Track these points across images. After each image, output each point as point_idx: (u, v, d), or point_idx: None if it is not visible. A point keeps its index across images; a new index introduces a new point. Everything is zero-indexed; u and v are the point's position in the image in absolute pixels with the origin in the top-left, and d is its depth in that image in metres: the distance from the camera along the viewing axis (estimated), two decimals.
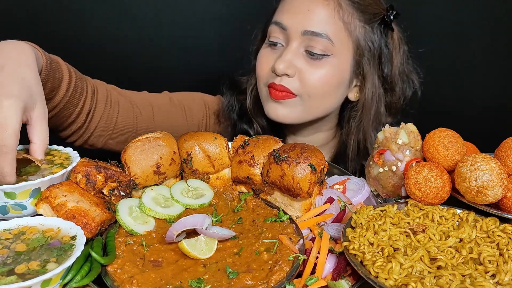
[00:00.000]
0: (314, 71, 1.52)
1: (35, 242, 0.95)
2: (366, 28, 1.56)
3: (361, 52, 1.57)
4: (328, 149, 1.83)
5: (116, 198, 1.14)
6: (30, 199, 1.08)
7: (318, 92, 1.55)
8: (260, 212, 1.17)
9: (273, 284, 0.92)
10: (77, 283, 0.91)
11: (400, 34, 1.67)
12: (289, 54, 1.52)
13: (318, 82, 1.53)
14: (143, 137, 1.22)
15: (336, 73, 1.55)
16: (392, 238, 1.03)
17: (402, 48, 1.67)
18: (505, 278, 0.92)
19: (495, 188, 1.04)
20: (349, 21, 1.53)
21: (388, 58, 1.63)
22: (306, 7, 1.51)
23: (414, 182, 1.11)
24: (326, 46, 1.50)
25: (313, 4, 1.51)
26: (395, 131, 1.24)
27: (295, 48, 1.52)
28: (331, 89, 1.57)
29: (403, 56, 1.68)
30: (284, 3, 1.58)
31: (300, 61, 1.52)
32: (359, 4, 1.55)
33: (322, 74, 1.52)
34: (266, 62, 1.59)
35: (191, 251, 0.98)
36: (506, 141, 1.17)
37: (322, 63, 1.52)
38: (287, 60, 1.51)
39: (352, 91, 1.66)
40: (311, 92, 1.54)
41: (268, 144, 1.25)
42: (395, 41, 1.64)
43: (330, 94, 1.58)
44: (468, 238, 1.04)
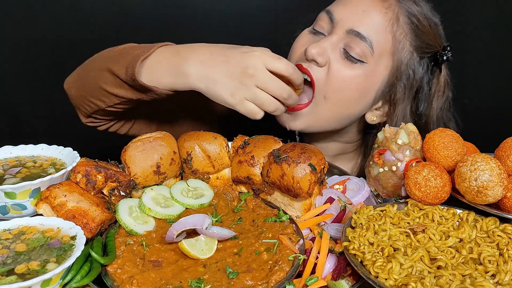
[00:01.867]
0: (343, 70, 1.42)
1: (35, 242, 0.95)
2: (414, 55, 1.47)
3: (399, 75, 1.47)
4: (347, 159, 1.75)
5: (116, 198, 1.14)
6: (30, 199, 1.08)
7: (336, 95, 1.44)
8: (260, 212, 1.17)
9: (273, 284, 0.92)
10: (77, 283, 0.91)
11: (448, 79, 1.58)
12: (326, 43, 1.43)
13: (342, 83, 1.43)
14: (143, 137, 1.22)
15: (363, 83, 1.45)
16: (392, 238, 1.03)
17: (446, 94, 1.58)
18: (505, 278, 0.92)
19: (495, 188, 1.03)
20: (400, 39, 1.44)
21: (426, 97, 1.53)
22: (363, 7, 1.44)
23: (414, 182, 1.11)
24: (364, 52, 1.41)
25: (371, 6, 1.44)
26: (395, 131, 1.24)
27: (335, 41, 1.43)
28: (351, 97, 1.46)
29: (445, 102, 1.58)
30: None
31: (335, 55, 1.43)
32: (417, 27, 1.46)
33: (350, 77, 1.43)
34: (302, 45, 1.50)
35: (191, 251, 0.98)
36: (506, 141, 1.17)
37: (354, 67, 1.42)
38: (323, 47, 1.42)
39: (372, 112, 1.55)
40: (329, 93, 1.44)
41: (268, 144, 1.25)
42: (440, 83, 1.56)
43: (348, 102, 1.47)
44: (468, 238, 1.04)
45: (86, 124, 1.59)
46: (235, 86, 1.23)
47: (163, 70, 1.29)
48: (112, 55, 1.44)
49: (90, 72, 1.47)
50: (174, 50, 1.32)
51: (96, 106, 1.45)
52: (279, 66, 1.23)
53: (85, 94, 1.47)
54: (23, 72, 2.66)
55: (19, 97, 2.73)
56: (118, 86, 1.36)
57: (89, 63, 1.51)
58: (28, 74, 2.67)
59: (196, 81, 1.26)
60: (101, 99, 1.43)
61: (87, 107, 1.49)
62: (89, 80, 1.45)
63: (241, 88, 1.22)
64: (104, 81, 1.39)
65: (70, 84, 1.54)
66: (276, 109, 1.26)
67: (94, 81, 1.42)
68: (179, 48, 1.33)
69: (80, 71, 1.53)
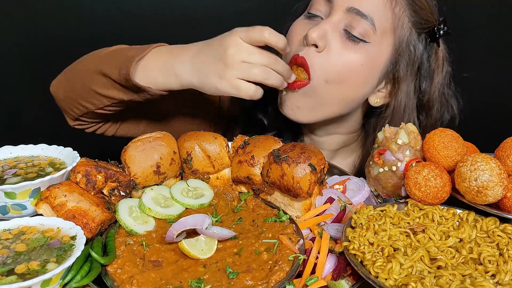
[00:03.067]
0: (345, 53, 1.36)
1: (35, 242, 0.95)
2: (413, 31, 1.44)
3: (401, 52, 1.43)
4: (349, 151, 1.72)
5: (116, 198, 1.14)
6: (30, 199, 1.08)
7: (339, 79, 1.38)
8: (260, 212, 1.17)
9: (273, 284, 0.92)
10: (77, 283, 0.91)
11: (446, 54, 1.55)
12: (326, 25, 1.36)
13: (344, 66, 1.37)
14: (143, 137, 1.22)
15: (368, 64, 1.39)
16: (392, 238, 1.03)
17: (445, 69, 1.55)
18: (505, 278, 0.92)
19: (495, 188, 1.03)
20: (399, 15, 1.39)
21: (428, 73, 1.50)
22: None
23: (414, 182, 1.11)
24: (367, 31, 1.36)
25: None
26: (395, 131, 1.24)
27: (335, 22, 1.37)
28: (357, 80, 1.41)
29: (446, 77, 1.55)
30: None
31: (335, 37, 1.36)
32: (414, 2, 1.42)
33: (353, 59, 1.37)
34: (298, 33, 1.43)
35: (191, 251, 0.98)
36: (506, 141, 1.17)
37: (357, 48, 1.37)
38: (323, 30, 1.35)
39: (375, 93, 1.51)
40: (331, 77, 1.37)
41: (268, 144, 1.25)
42: (439, 58, 1.53)
43: (353, 85, 1.42)
44: (468, 238, 1.04)
45: (73, 127, 1.60)
46: (222, 69, 1.21)
47: (157, 71, 1.30)
48: (102, 56, 1.44)
49: (78, 74, 1.47)
50: (167, 50, 1.33)
51: (85, 108, 1.45)
52: (253, 35, 1.21)
53: (73, 97, 1.46)
54: (23, 72, 2.66)
55: (19, 97, 2.73)
56: (110, 88, 1.36)
57: (77, 65, 1.51)
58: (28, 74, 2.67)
59: (189, 77, 1.27)
60: (91, 101, 1.42)
61: (75, 110, 1.49)
62: (78, 82, 1.44)
63: (227, 68, 1.20)
64: (94, 83, 1.38)
65: (57, 87, 1.53)
66: (269, 77, 1.22)
67: (84, 83, 1.41)
68: (172, 48, 1.34)
69: (68, 74, 1.52)
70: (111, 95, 1.37)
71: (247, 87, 1.21)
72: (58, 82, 1.54)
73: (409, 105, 1.49)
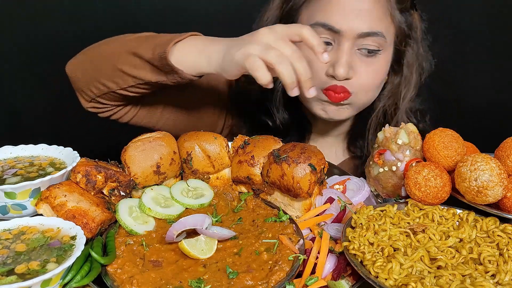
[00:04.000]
0: (369, 68, 1.50)
1: (35, 242, 0.95)
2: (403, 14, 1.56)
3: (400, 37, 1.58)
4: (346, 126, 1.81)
5: (116, 198, 1.14)
6: (30, 199, 1.08)
7: (371, 87, 1.55)
8: (260, 212, 1.17)
9: (273, 284, 0.92)
10: (77, 283, 0.91)
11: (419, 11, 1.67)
12: (346, 57, 1.46)
13: (372, 77, 1.53)
14: (143, 137, 1.22)
15: (385, 65, 1.56)
16: (392, 238, 1.03)
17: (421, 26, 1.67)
18: (505, 278, 0.92)
19: (495, 188, 1.03)
20: (394, 13, 1.52)
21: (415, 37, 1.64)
22: (358, 7, 1.44)
23: (414, 182, 1.11)
24: (380, 43, 1.48)
25: (365, 2, 1.45)
26: (395, 131, 1.24)
27: (349, 49, 1.46)
28: (381, 81, 1.59)
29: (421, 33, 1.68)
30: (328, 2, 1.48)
31: (357, 60, 1.49)
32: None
33: (376, 69, 1.52)
34: (318, 66, 1.49)
35: (191, 251, 0.98)
36: (506, 141, 1.17)
37: (375, 59, 1.51)
38: (346, 63, 1.46)
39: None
40: (365, 88, 1.53)
41: (268, 144, 1.25)
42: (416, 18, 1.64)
43: (379, 85, 1.60)
44: (468, 238, 1.04)
45: (87, 109, 1.57)
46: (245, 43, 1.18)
47: (191, 54, 1.30)
48: (132, 38, 1.44)
49: (103, 53, 1.46)
50: (205, 37, 1.34)
51: (107, 88, 1.43)
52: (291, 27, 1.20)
53: (94, 76, 1.45)
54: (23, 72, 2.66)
55: (19, 97, 2.73)
56: (139, 67, 1.36)
57: (101, 46, 1.51)
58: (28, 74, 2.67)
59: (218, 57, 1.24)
60: (115, 81, 1.41)
61: (94, 89, 1.47)
62: (102, 61, 1.44)
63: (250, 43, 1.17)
64: (122, 62, 1.38)
65: (75, 67, 1.52)
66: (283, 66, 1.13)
67: (109, 63, 1.41)
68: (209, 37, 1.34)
69: (89, 53, 1.51)
70: (138, 75, 1.37)
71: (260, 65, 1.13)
72: (77, 61, 1.53)
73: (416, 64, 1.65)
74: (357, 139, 1.76)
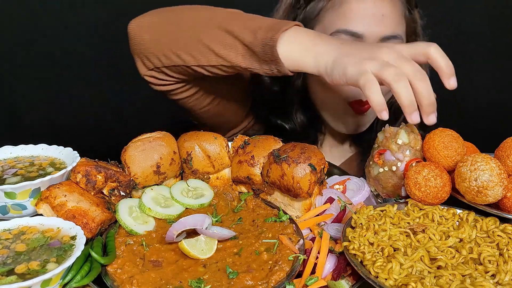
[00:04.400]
0: None
1: (35, 242, 0.95)
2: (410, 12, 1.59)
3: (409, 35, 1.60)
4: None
5: (116, 198, 1.14)
6: (30, 199, 1.08)
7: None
8: (260, 212, 1.17)
9: (273, 284, 0.92)
10: (77, 283, 0.91)
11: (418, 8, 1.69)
12: None
13: None
14: (143, 137, 1.22)
15: None
16: (392, 238, 1.03)
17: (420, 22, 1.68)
18: (505, 278, 0.92)
19: (495, 188, 1.03)
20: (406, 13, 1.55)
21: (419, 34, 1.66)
22: (378, 11, 1.46)
23: (414, 182, 1.11)
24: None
25: (384, 7, 1.47)
26: (395, 131, 1.24)
27: None
28: None
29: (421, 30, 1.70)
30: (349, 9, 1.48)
31: None
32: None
33: None
34: None
35: (191, 251, 0.98)
36: (506, 141, 1.17)
37: None
38: None
39: None
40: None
41: (268, 144, 1.25)
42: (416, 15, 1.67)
43: None
44: (468, 238, 1.04)
45: (144, 77, 1.43)
46: (364, 57, 1.07)
47: (298, 46, 1.17)
48: (223, 13, 1.31)
49: (186, 22, 1.31)
50: (309, 30, 1.22)
51: (180, 60, 1.30)
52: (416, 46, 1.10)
53: (168, 43, 1.31)
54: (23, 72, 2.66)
55: (19, 97, 2.73)
56: (231, 48, 1.23)
57: (185, 10, 1.36)
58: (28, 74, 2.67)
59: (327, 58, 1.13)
60: (193, 55, 1.28)
61: (163, 58, 1.33)
62: (182, 29, 1.30)
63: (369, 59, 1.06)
64: (211, 37, 1.25)
65: (143, 27, 1.36)
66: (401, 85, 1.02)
67: (192, 33, 1.27)
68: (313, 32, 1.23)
69: (167, 16, 1.36)
70: (226, 56, 1.24)
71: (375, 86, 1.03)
72: (146, 22, 1.37)
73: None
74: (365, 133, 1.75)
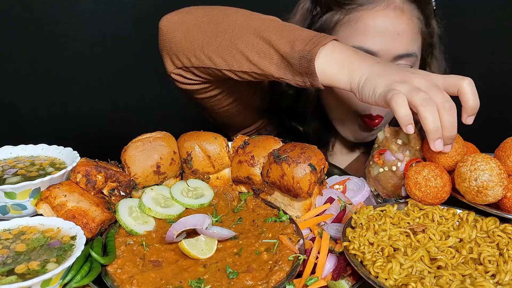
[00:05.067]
0: None
1: (35, 242, 0.95)
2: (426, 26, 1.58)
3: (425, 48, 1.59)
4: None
5: (116, 198, 1.14)
6: (30, 199, 1.08)
7: None
8: (260, 212, 1.17)
9: (273, 284, 0.92)
10: (77, 283, 0.91)
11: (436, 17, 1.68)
12: None
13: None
14: (143, 137, 1.22)
15: None
16: (392, 238, 1.03)
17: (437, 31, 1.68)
18: (505, 278, 0.92)
19: (495, 188, 1.03)
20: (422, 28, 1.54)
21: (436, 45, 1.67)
22: (394, 29, 1.45)
23: (415, 182, 1.11)
24: (413, 61, 1.50)
25: (401, 25, 1.46)
26: (395, 131, 1.24)
27: None
28: None
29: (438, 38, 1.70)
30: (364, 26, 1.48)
31: None
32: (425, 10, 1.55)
33: None
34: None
35: (191, 251, 0.98)
36: (506, 141, 1.17)
37: None
38: None
39: None
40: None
41: (268, 144, 1.25)
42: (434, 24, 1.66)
43: None
44: (468, 238, 1.04)
45: (170, 74, 1.41)
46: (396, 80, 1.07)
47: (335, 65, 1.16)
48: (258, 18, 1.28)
49: (222, 24, 1.29)
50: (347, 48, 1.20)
51: (211, 63, 1.28)
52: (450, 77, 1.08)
53: (201, 44, 1.29)
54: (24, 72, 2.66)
55: (19, 97, 2.73)
56: (263, 56, 1.21)
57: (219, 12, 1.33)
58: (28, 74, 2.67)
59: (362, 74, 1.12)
60: (226, 59, 1.26)
61: (193, 59, 1.31)
62: (217, 32, 1.27)
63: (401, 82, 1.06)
64: (245, 42, 1.23)
65: (175, 25, 1.34)
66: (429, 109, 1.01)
67: (226, 36, 1.25)
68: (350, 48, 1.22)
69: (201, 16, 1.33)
70: (260, 64, 1.22)
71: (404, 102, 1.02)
72: (179, 19, 1.34)
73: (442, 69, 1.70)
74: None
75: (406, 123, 1.03)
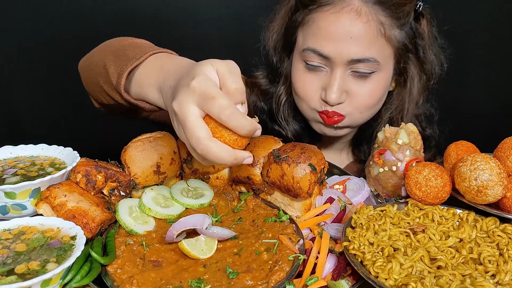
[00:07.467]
0: (362, 89, 1.48)
1: (35, 242, 0.95)
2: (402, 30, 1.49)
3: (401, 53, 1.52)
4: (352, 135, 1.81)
5: (116, 198, 1.14)
6: (30, 199, 1.08)
7: (366, 107, 1.53)
8: (260, 212, 1.17)
9: (273, 284, 0.92)
10: (77, 283, 0.91)
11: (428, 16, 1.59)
12: (338, 83, 1.45)
13: (367, 98, 1.50)
14: (143, 137, 1.22)
15: (383, 84, 1.52)
16: (392, 238, 1.03)
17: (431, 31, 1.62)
18: (505, 278, 0.92)
19: (495, 187, 1.04)
20: (390, 33, 1.45)
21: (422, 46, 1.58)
22: (347, 34, 1.40)
23: (415, 182, 1.11)
24: (373, 66, 1.45)
25: (355, 28, 1.40)
26: (395, 131, 1.24)
27: (340, 74, 1.45)
28: (379, 99, 1.55)
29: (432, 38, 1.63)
30: (317, 28, 1.45)
31: (348, 83, 1.47)
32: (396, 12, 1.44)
33: (371, 89, 1.49)
34: (312, 89, 1.52)
35: (191, 251, 0.98)
36: (503, 142, 1.17)
37: (369, 79, 1.47)
38: (338, 89, 1.45)
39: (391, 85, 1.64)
40: (360, 109, 1.52)
41: (268, 144, 1.25)
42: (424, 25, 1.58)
43: (377, 103, 1.56)
44: (468, 238, 1.04)
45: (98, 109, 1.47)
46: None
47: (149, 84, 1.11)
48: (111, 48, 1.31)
49: (91, 63, 1.35)
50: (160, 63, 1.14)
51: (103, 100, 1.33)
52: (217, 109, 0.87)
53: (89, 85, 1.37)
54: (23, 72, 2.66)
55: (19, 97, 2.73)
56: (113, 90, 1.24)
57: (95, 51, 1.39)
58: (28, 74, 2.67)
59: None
60: (99, 97, 1.34)
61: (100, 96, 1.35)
62: (90, 71, 1.34)
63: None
64: (102, 78, 1.27)
65: (80, 67, 1.43)
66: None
67: (94, 74, 1.31)
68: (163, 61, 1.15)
69: (88, 58, 1.41)
70: (116, 98, 1.25)
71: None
72: (82, 64, 1.43)
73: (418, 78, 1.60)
74: (362, 144, 1.76)
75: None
